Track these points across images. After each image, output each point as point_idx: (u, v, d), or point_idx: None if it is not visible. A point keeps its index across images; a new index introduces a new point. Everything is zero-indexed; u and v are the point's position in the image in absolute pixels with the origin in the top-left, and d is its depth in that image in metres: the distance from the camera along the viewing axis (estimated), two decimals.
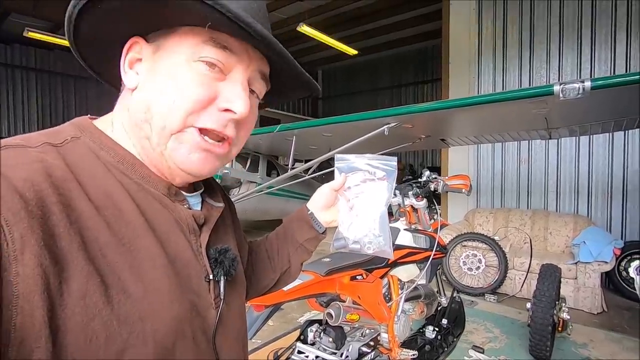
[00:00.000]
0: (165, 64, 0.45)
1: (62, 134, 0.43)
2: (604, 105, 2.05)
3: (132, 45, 0.47)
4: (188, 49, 0.45)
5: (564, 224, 3.93)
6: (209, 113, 0.45)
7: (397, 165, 0.70)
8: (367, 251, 0.67)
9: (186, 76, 0.44)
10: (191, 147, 0.46)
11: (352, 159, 0.70)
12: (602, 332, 2.97)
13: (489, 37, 4.67)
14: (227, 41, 0.45)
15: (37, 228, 0.33)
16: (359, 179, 0.70)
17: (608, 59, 3.98)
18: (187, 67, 0.44)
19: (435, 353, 1.90)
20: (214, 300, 0.49)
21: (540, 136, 2.86)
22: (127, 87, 0.48)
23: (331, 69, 11.30)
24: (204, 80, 0.45)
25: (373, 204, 0.69)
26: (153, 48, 0.46)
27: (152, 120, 0.45)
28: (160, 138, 0.45)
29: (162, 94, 0.44)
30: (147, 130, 0.45)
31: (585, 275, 3.35)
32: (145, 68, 0.46)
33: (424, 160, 10.24)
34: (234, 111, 0.46)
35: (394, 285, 1.61)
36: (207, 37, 0.44)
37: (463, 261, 3.91)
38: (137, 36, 0.47)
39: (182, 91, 0.44)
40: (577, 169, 4.19)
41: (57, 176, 0.37)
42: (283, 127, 3.24)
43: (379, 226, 0.67)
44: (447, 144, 3.35)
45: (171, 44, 0.45)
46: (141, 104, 0.45)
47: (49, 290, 0.32)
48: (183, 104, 0.44)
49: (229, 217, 0.62)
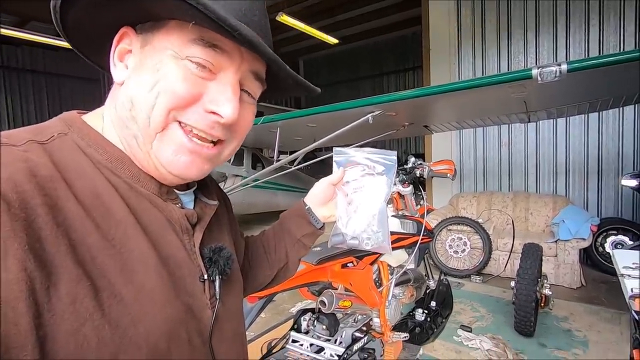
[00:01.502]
0: (151, 59, 0.43)
1: (48, 130, 0.41)
2: (579, 87, 2.11)
3: (122, 36, 0.45)
4: (176, 46, 0.42)
5: (544, 204, 4.07)
6: (193, 112, 0.43)
7: (396, 160, 0.68)
8: (365, 247, 0.66)
9: (171, 72, 0.42)
10: (177, 148, 0.44)
11: (351, 152, 0.69)
12: (581, 305, 3.11)
13: (468, 24, 4.71)
14: (217, 39, 0.42)
15: (20, 231, 0.31)
16: (358, 174, 0.68)
17: (582, 42, 4.09)
18: (173, 63, 0.42)
19: (426, 334, 1.95)
20: (210, 301, 0.48)
21: (519, 119, 2.92)
22: (115, 81, 0.46)
23: (312, 59, 11.20)
24: (190, 77, 0.42)
25: (372, 199, 0.67)
26: (141, 41, 0.45)
27: (137, 118, 0.43)
28: (146, 137, 0.43)
29: (145, 90, 0.42)
30: (133, 129, 0.44)
31: (564, 253, 3.49)
32: (134, 62, 0.45)
33: (407, 148, 10.34)
34: (220, 115, 0.43)
35: (384, 271, 1.64)
36: (196, 35, 0.42)
37: (449, 244, 4.01)
38: (127, 26, 0.45)
39: (166, 86, 0.42)
40: (555, 150, 4.32)
41: (43, 176, 0.36)
42: (267, 119, 3.21)
43: (377, 222, 0.66)
44: (430, 131, 3.39)
45: (159, 38, 0.43)
46: (126, 100, 0.44)
47: (35, 295, 0.31)
48: (165, 98, 0.42)
49: (224, 215, 0.61)
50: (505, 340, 2.54)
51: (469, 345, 2.48)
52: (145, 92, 0.42)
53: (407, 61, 9.82)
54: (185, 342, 0.43)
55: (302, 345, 1.44)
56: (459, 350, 2.43)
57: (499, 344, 2.48)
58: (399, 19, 7.92)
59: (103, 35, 0.46)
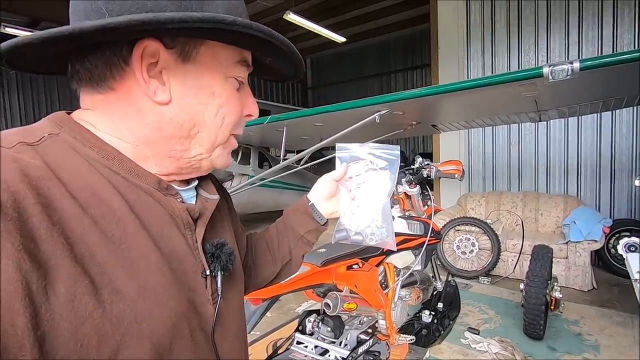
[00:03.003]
0: (203, 79, 0.46)
1: (38, 132, 0.41)
2: (592, 86, 2.06)
3: (144, 49, 0.42)
4: (224, 67, 0.47)
5: (555, 204, 4.00)
6: (241, 121, 0.52)
7: (399, 155, 0.68)
8: (369, 242, 0.66)
9: (228, 93, 0.48)
10: (230, 148, 0.53)
11: (354, 148, 0.69)
12: (592, 308, 3.05)
13: (477, 20, 4.64)
14: (249, 58, 0.50)
15: (14, 231, 0.31)
16: (361, 169, 0.68)
17: (595, 39, 4.00)
18: (224, 84, 0.47)
19: (432, 336, 1.93)
20: (211, 296, 0.48)
21: (530, 119, 2.87)
22: (154, 99, 0.43)
23: (320, 57, 11.18)
24: (239, 96, 0.50)
25: (375, 195, 0.67)
26: (177, 56, 0.43)
27: (198, 136, 0.47)
28: (208, 150, 0.49)
29: (211, 112, 0.47)
30: (185, 145, 0.47)
31: (575, 254, 3.42)
32: (176, 80, 0.44)
33: (415, 147, 10.26)
34: (253, 115, 0.53)
35: (389, 272, 1.62)
36: (240, 57, 0.48)
37: (457, 245, 3.96)
38: (150, 39, 0.41)
39: (229, 108, 0.48)
40: (566, 150, 4.24)
41: (35, 176, 0.35)
42: (273, 118, 3.20)
43: (381, 217, 0.66)
44: (438, 130, 3.35)
45: (205, 58, 0.45)
46: (185, 121, 0.46)
47: (32, 295, 0.31)
48: (232, 120, 0.49)
49: (225, 210, 0.61)
50: (514, 343, 2.50)
51: (476, 348, 2.44)
52: (212, 114, 0.47)
53: (416, 59, 9.73)
54: (187, 337, 0.43)
55: (306, 347, 1.43)
56: (466, 353, 2.40)
57: (507, 347, 2.45)
58: (407, 16, 7.86)
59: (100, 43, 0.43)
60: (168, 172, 0.48)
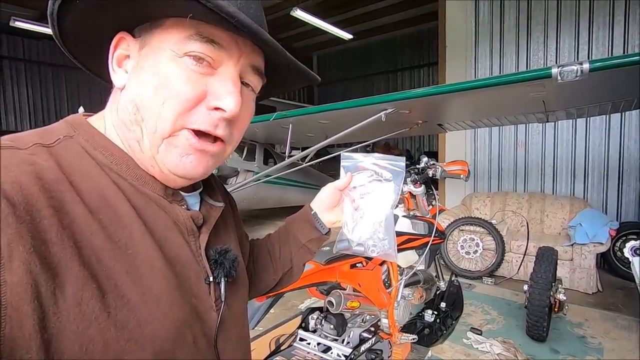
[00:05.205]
0: (151, 61, 0.43)
1: (54, 133, 0.42)
2: (601, 87, 2.03)
3: (119, 42, 0.45)
4: (174, 44, 0.42)
5: (560, 206, 3.97)
6: (198, 112, 0.43)
7: (404, 166, 0.67)
8: (371, 254, 0.66)
9: (173, 73, 0.42)
10: (183, 150, 0.44)
11: (359, 157, 0.68)
12: (597, 311, 3.03)
13: (486, 19, 4.60)
14: (214, 34, 0.42)
15: (26, 234, 0.31)
16: (365, 179, 0.68)
17: (606, 40, 3.94)
18: (174, 64, 0.42)
19: (435, 336, 1.93)
20: (215, 303, 0.48)
21: (537, 119, 2.84)
22: (115, 86, 0.46)
23: (326, 54, 11.14)
24: (192, 77, 0.42)
25: (379, 206, 0.66)
26: (139, 44, 0.45)
27: (143, 123, 0.43)
28: (152, 142, 0.43)
29: (149, 94, 0.42)
30: (137, 133, 0.44)
31: (581, 257, 3.40)
32: (132, 66, 0.45)
33: (421, 146, 10.21)
34: (223, 109, 0.43)
35: (393, 271, 1.63)
36: (193, 31, 0.42)
37: (461, 245, 3.95)
38: (124, 32, 0.45)
39: (170, 90, 0.42)
40: (573, 151, 4.20)
41: (48, 179, 0.36)
42: (279, 115, 3.20)
43: (384, 229, 0.65)
44: (444, 129, 3.33)
45: (156, 39, 0.43)
46: (129, 105, 0.43)
47: (40, 298, 0.31)
48: (172, 104, 0.42)
49: (229, 216, 0.61)
50: (517, 344, 2.49)
51: (478, 349, 2.44)
52: (149, 96, 0.42)
53: (423, 57, 9.66)
54: (190, 344, 0.43)
55: (309, 344, 1.44)
56: (469, 353, 2.40)
57: (510, 348, 2.44)
58: (415, 13, 7.80)
59: (100, 42, 0.46)
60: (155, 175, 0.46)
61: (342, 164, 0.69)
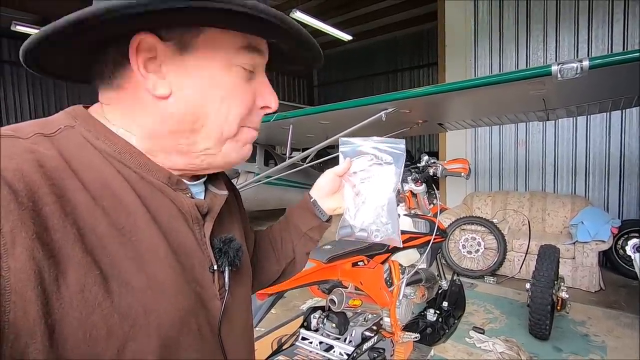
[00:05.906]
0: (205, 71, 0.43)
1: (54, 123, 0.42)
2: (601, 85, 2.03)
3: (140, 44, 0.41)
4: (226, 54, 0.44)
5: (562, 204, 3.96)
6: (254, 114, 0.49)
7: (404, 149, 0.65)
8: (374, 239, 0.64)
9: (234, 84, 0.45)
10: (244, 142, 0.50)
11: (358, 142, 0.66)
12: (599, 309, 3.02)
13: (485, 18, 4.61)
14: (260, 44, 0.47)
15: (28, 220, 0.32)
16: (366, 164, 0.66)
17: (605, 38, 3.94)
18: (229, 73, 0.45)
19: (437, 335, 1.93)
20: (219, 291, 0.48)
21: (538, 118, 2.84)
22: (153, 93, 0.43)
23: (326, 55, 10.70)
24: (248, 86, 0.47)
25: (380, 190, 0.65)
26: (175, 48, 0.42)
27: (204, 130, 0.45)
28: (216, 145, 0.47)
29: (216, 105, 0.45)
30: (191, 139, 0.45)
31: (583, 255, 3.39)
32: (175, 73, 0.43)
33: (421, 145, 10.21)
34: (271, 107, 0.50)
35: (395, 270, 1.63)
36: (245, 42, 0.45)
37: (462, 244, 3.95)
38: (145, 32, 0.41)
39: (234, 99, 0.46)
40: (574, 149, 4.19)
41: (50, 166, 0.36)
42: (279, 116, 3.20)
43: (386, 213, 0.64)
44: (444, 128, 3.33)
45: (204, 47, 0.42)
46: (187, 115, 0.44)
47: (44, 284, 0.31)
48: (237, 112, 0.46)
49: (234, 206, 0.61)
50: (519, 343, 2.49)
51: (481, 348, 2.44)
52: (216, 107, 0.45)
53: (423, 57, 9.66)
54: (195, 332, 0.44)
55: (311, 343, 1.44)
56: (471, 352, 2.40)
57: (513, 347, 2.44)
58: (414, 14, 7.81)
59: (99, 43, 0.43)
60: (178, 167, 0.47)
61: (341, 149, 0.67)
